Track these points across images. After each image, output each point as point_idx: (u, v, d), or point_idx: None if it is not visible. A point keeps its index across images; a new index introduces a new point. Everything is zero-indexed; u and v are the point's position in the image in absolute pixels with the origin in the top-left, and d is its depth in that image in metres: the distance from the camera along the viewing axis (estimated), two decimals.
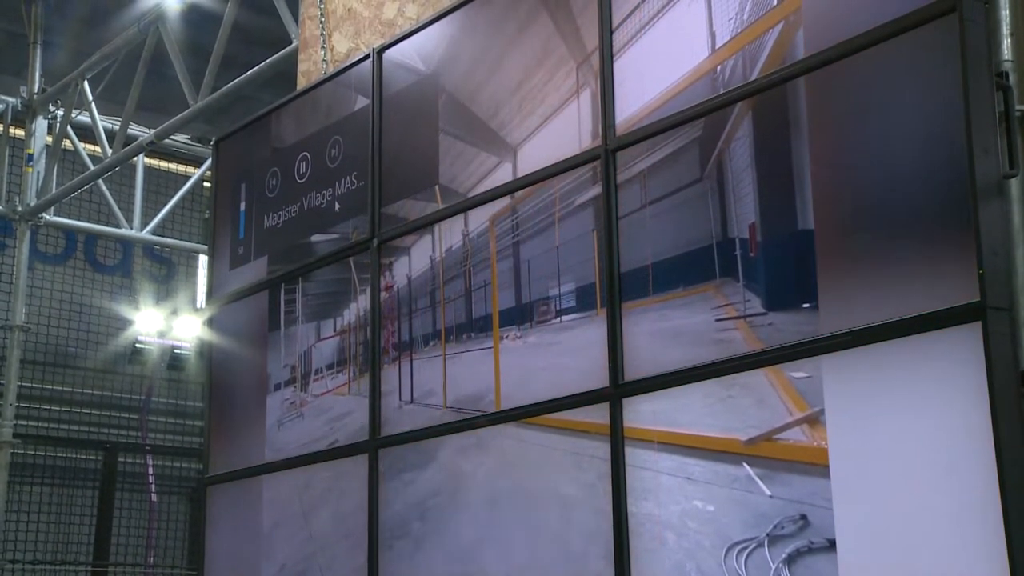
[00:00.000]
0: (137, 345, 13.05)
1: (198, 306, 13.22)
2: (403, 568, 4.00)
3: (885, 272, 2.90)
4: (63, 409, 12.71)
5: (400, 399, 4.24)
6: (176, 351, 13.26)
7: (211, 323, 5.29)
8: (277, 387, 4.88)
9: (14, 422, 8.93)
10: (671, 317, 3.42)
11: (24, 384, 9.66)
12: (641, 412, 3.40)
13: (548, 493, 3.61)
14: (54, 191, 9.03)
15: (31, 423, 11.03)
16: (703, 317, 3.33)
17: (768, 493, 3.04)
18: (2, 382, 9.08)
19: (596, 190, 3.70)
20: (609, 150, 3.66)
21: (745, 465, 3.11)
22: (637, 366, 3.46)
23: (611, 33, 3.71)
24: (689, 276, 3.41)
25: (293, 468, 4.62)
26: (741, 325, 3.23)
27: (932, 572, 2.70)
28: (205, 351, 5.51)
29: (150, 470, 12.09)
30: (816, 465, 2.95)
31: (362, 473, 4.25)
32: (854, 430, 2.89)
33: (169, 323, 13.22)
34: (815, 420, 2.98)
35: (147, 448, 12.61)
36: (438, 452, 4.01)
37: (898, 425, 2.82)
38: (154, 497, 12.07)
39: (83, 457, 12.22)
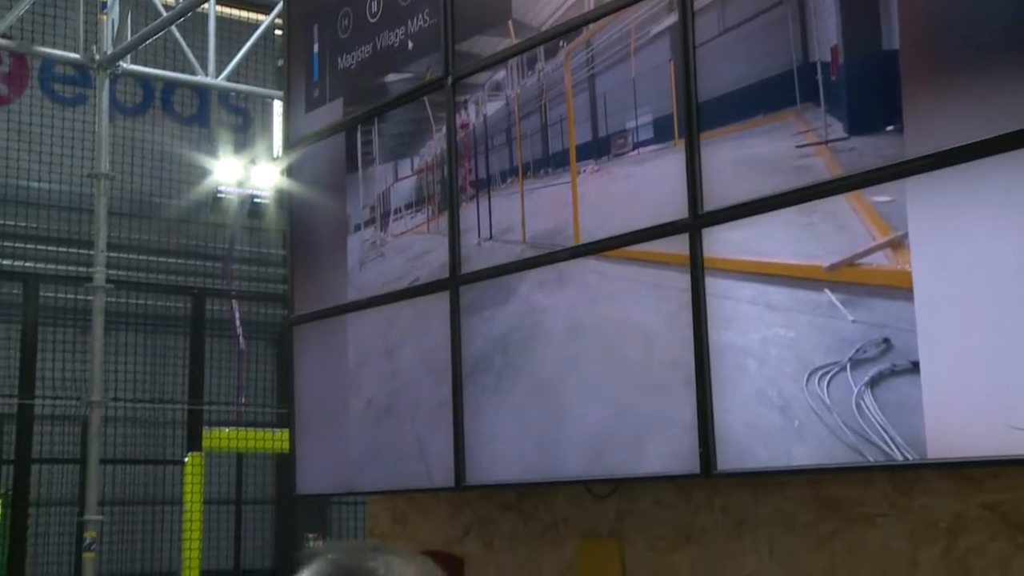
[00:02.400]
0: (217, 194, 13.28)
1: (275, 155, 13.33)
2: (486, 401, 4.10)
3: (973, 90, 2.81)
4: (150, 258, 13.05)
5: (479, 236, 4.28)
6: (255, 200, 13.48)
7: (290, 168, 5.34)
8: (357, 228, 4.93)
9: (106, 271, 9.19)
10: (750, 145, 3.37)
11: (112, 235, 9.90)
12: (721, 241, 3.40)
13: (629, 325, 3.65)
14: (129, 39, 9.07)
15: (121, 271, 11.35)
16: (783, 144, 3.28)
17: (850, 318, 3.03)
18: (92, 232, 9.32)
19: (672, 19, 3.62)
20: None
21: (827, 291, 3.10)
22: (716, 196, 3.43)
23: None
24: (769, 103, 3.34)
25: (376, 307, 4.71)
26: (822, 151, 3.18)
27: (1016, 392, 2.70)
28: (285, 196, 5.58)
29: (236, 315, 12.43)
30: (899, 289, 2.93)
31: (444, 310, 4.32)
32: (938, 252, 2.86)
33: (247, 172, 13.40)
34: (899, 244, 2.95)
35: (232, 294, 12.93)
36: (518, 287, 4.06)
37: (983, 246, 2.78)
38: (242, 342, 12.45)
39: (172, 305, 12.61)
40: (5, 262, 11.97)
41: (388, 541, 3.93)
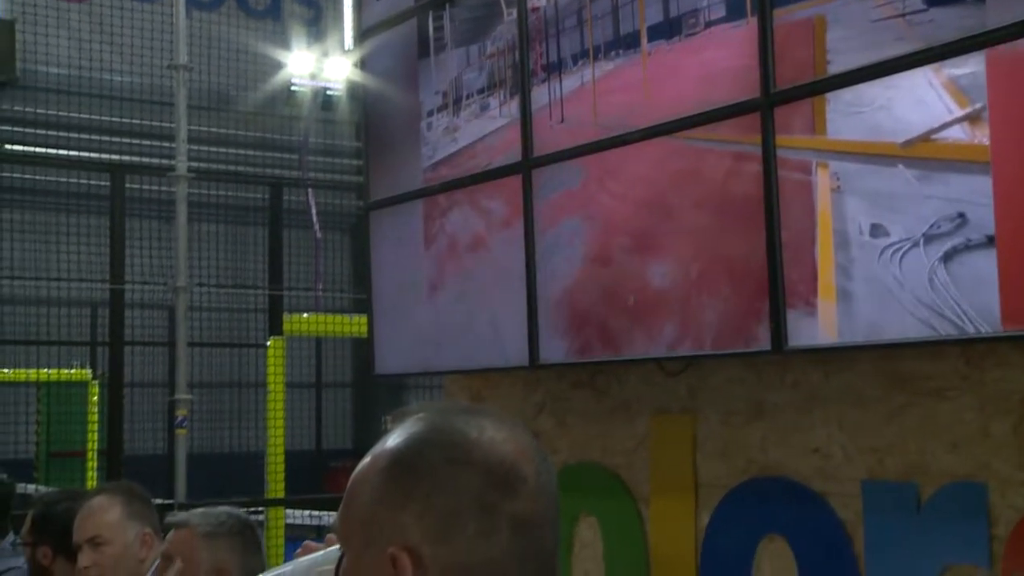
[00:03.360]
0: (291, 87, 13.37)
1: (347, 48, 13.33)
2: (560, 278, 4.15)
3: None
4: (229, 150, 13.24)
5: (551, 119, 4.29)
6: (328, 92, 13.54)
7: (362, 59, 5.36)
8: (430, 114, 4.96)
9: (187, 162, 9.37)
10: (825, 20, 3.32)
11: (191, 127, 10.06)
12: (794, 119, 3.37)
13: (699, 204, 3.65)
14: None
15: (201, 164, 11.56)
16: (859, 18, 3.22)
17: (925, 193, 3.02)
18: (172, 124, 9.47)
19: None
20: None
21: (901, 167, 3.08)
22: (789, 73, 3.39)
23: None
24: None
25: (450, 191, 4.76)
26: (899, 24, 3.12)
27: None
28: (358, 86, 5.61)
29: (312, 205, 12.61)
30: (976, 163, 2.90)
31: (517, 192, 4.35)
32: (1017, 125, 2.82)
33: (320, 65, 13.45)
34: (976, 117, 2.91)
35: (308, 185, 13.08)
36: (591, 169, 4.08)
37: None
38: (318, 231, 12.65)
39: (251, 196, 12.82)
40: (92, 155, 12.27)
41: None
